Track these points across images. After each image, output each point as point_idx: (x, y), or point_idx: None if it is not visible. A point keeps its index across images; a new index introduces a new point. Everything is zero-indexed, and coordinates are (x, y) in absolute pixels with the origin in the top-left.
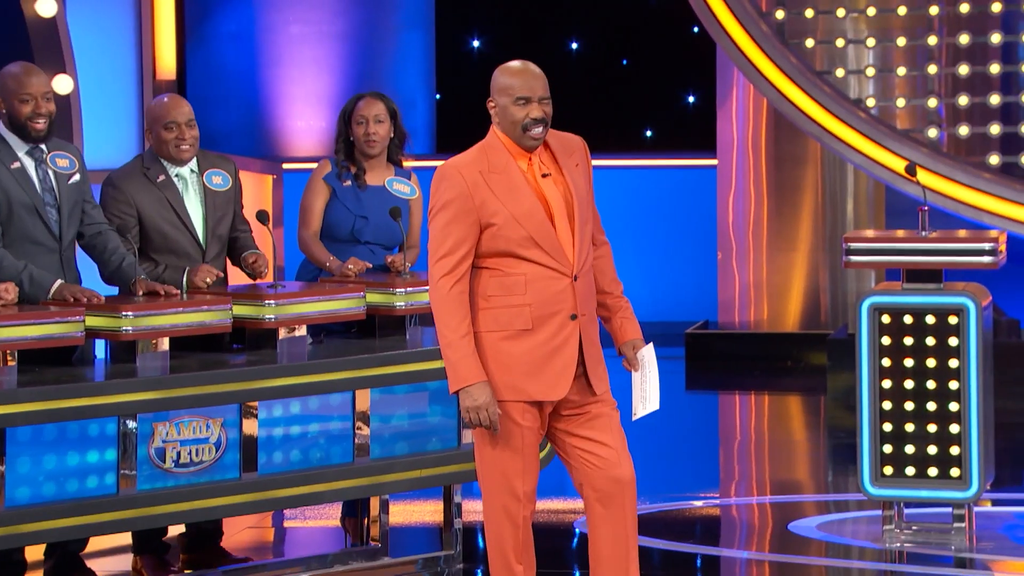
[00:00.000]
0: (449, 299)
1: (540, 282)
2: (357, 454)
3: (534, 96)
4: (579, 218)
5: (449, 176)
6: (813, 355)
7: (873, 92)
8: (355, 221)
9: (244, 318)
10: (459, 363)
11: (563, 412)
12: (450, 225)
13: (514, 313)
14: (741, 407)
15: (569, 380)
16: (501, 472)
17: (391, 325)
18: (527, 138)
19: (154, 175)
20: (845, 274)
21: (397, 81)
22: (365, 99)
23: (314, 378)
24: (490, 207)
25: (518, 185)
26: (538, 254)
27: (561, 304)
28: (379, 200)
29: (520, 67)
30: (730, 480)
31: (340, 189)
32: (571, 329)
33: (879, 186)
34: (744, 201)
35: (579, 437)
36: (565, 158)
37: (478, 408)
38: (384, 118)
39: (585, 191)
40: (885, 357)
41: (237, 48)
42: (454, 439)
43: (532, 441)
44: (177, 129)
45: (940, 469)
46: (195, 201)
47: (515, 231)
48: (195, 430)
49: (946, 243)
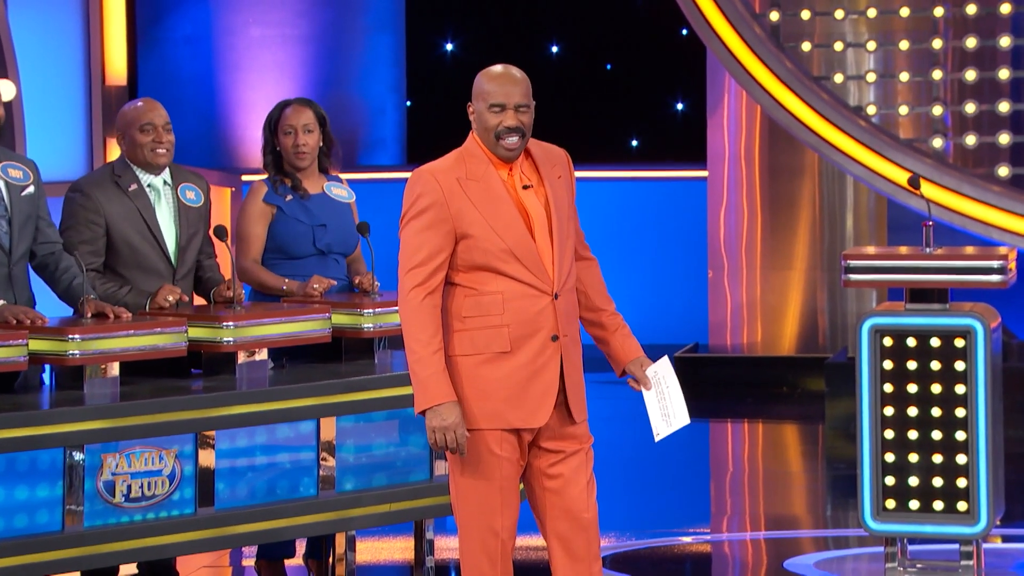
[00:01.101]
0: (420, 312)
1: (518, 301)
2: (322, 487)
3: (509, 103)
4: (559, 233)
5: (424, 181)
6: (810, 380)
7: (874, 99)
8: (314, 232)
9: (200, 341)
10: (428, 380)
11: (541, 444)
12: (424, 233)
13: (491, 335)
14: (733, 436)
15: (550, 406)
16: (478, 506)
17: (359, 348)
18: (500, 147)
19: (125, 184)
20: (844, 294)
21: (365, 87)
22: (292, 107)
23: (276, 405)
24: (467, 217)
25: (498, 195)
26: (517, 269)
27: (541, 324)
28: (327, 206)
29: (500, 72)
30: (722, 514)
31: (286, 205)
32: (552, 351)
33: (881, 200)
34: (736, 216)
35: (550, 476)
36: (548, 169)
37: (445, 428)
38: (313, 127)
39: (567, 205)
40: (887, 382)
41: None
42: (426, 471)
43: (511, 473)
44: (154, 132)
45: (946, 502)
46: (167, 215)
47: (493, 243)
48: (147, 462)
49: (952, 261)
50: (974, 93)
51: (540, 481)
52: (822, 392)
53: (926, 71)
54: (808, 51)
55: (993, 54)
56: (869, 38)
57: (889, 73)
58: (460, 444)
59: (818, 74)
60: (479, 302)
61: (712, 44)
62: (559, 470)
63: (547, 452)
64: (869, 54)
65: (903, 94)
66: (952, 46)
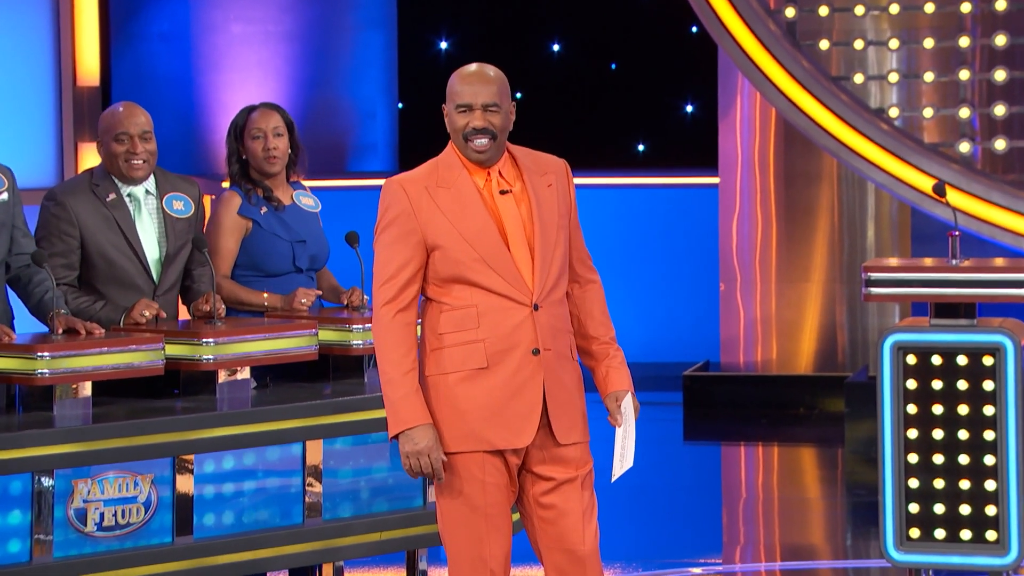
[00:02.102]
0: (392, 329)
1: (494, 314)
2: (308, 514)
3: (476, 103)
4: (541, 240)
5: (392, 192)
6: (829, 401)
7: (897, 101)
8: (294, 248)
9: (178, 359)
10: (399, 403)
11: (532, 468)
12: (393, 246)
13: (468, 351)
14: (747, 460)
15: (534, 425)
16: (465, 535)
17: (347, 366)
18: (469, 149)
19: (103, 193)
20: (865, 308)
21: (354, 88)
22: (259, 111)
23: (259, 427)
24: (436, 226)
25: (468, 201)
26: (491, 279)
27: (519, 337)
28: (303, 220)
29: (471, 71)
30: (734, 544)
31: (263, 218)
32: (533, 366)
33: (904, 208)
34: (750, 225)
35: (543, 506)
36: (535, 176)
37: (419, 453)
38: (283, 131)
39: (555, 213)
40: (911, 403)
41: (170, 50)
42: (420, 497)
43: (498, 499)
44: (129, 142)
45: (974, 532)
46: (149, 226)
47: (464, 252)
48: (121, 488)
49: (980, 273)
50: (1004, 94)
51: (534, 510)
52: (841, 413)
53: (952, 71)
54: (826, 50)
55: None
56: (891, 36)
57: (913, 73)
58: (436, 469)
59: (837, 74)
60: (453, 317)
61: (724, 42)
62: (551, 500)
63: (538, 479)
64: (891, 53)
65: (928, 95)
66: (980, 44)
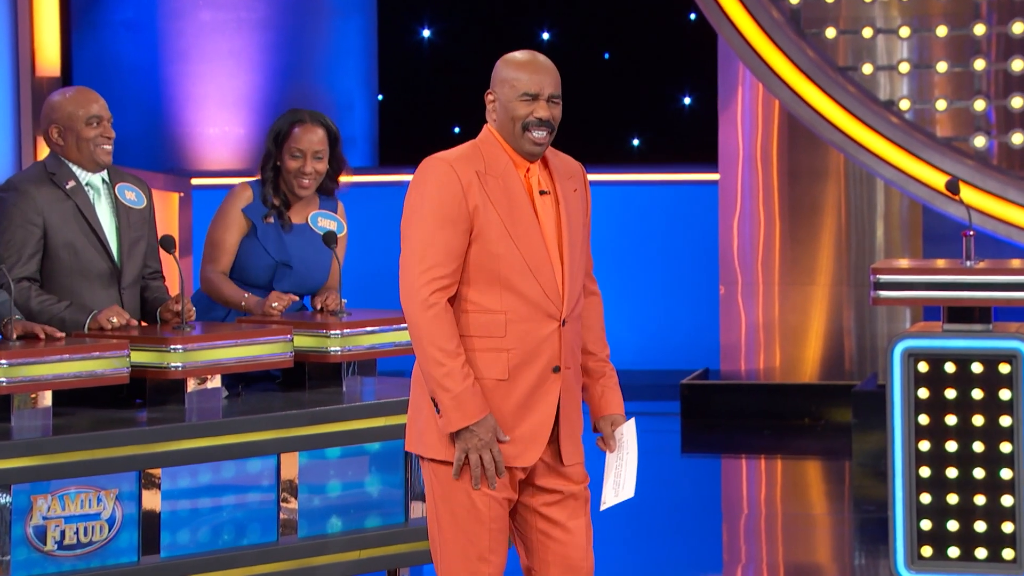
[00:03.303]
0: (446, 317)
1: (523, 324)
2: (282, 532)
3: (543, 93)
4: (569, 251)
5: (440, 171)
6: (835, 411)
7: (907, 92)
8: (276, 270)
9: (145, 367)
10: (464, 395)
11: (536, 481)
12: (441, 231)
13: (489, 359)
14: (749, 474)
15: (543, 444)
16: (463, 552)
17: (324, 375)
18: (527, 140)
19: (61, 180)
20: (874, 313)
21: (331, 79)
22: (304, 126)
23: (230, 439)
24: (484, 215)
25: (516, 196)
26: (529, 284)
27: (544, 352)
28: (304, 243)
29: (528, 58)
30: (735, 562)
31: (262, 228)
32: (552, 384)
33: (915, 206)
34: (752, 224)
35: (544, 519)
36: (564, 180)
37: (484, 446)
38: (324, 153)
39: (579, 222)
40: (922, 413)
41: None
42: (401, 513)
43: (500, 513)
44: (100, 125)
45: (990, 550)
46: (108, 215)
47: (508, 250)
48: (83, 504)
49: (996, 276)
50: (1021, 85)
51: (534, 522)
52: (849, 424)
53: (967, 60)
54: (833, 38)
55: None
56: (902, 23)
57: (925, 63)
58: (498, 463)
59: (844, 64)
60: (479, 321)
61: (724, 30)
62: (557, 515)
63: (542, 491)
64: (902, 41)
65: (941, 86)
66: (996, 32)
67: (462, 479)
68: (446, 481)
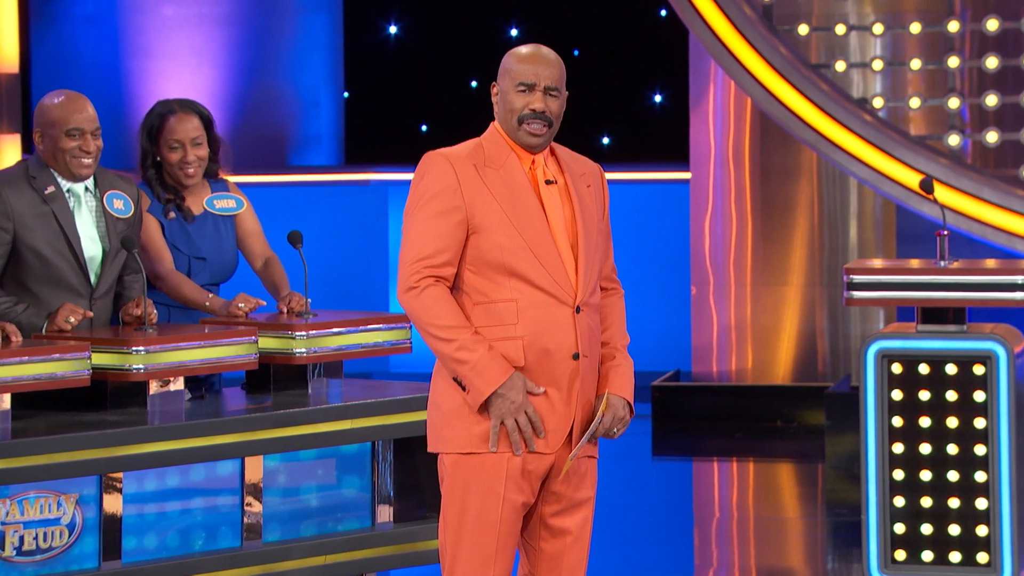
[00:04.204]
0: (442, 296)
1: (534, 310)
2: (247, 536)
3: (539, 84)
4: (585, 240)
5: (435, 165)
6: (808, 413)
7: (881, 90)
8: (190, 264)
9: (106, 369)
10: (481, 362)
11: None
12: (432, 223)
13: (503, 347)
14: (720, 477)
15: (564, 433)
16: (470, 553)
17: (289, 377)
18: (523, 133)
19: (41, 185)
20: (847, 314)
21: (296, 76)
22: (176, 115)
23: (193, 443)
24: (481, 206)
25: (518, 185)
26: (536, 271)
27: (560, 339)
28: (209, 232)
29: (531, 50)
30: (707, 567)
31: (168, 225)
32: (572, 371)
33: (888, 206)
34: (723, 224)
35: (548, 529)
36: (575, 173)
37: (518, 409)
38: (202, 139)
39: (594, 215)
40: (896, 415)
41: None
42: (367, 517)
43: (511, 518)
44: (80, 138)
45: (964, 553)
46: (89, 225)
47: (510, 238)
48: (43, 509)
49: (970, 276)
50: (995, 83)
51: (538, 531)
52: (821, 426)
53: (941, 57)
54: (805, 35)
55: (1017, 38)
56: (875, 20)
57: (898, 60)
58: (535, 423)
59: (817, 61)
60: (490, 310)
61: (695, 27)
62: (562, 524)
63: (554, 498)
64: (875, 38)
65: (914, 84)
66: (970, 29)
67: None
68: (460, 478)
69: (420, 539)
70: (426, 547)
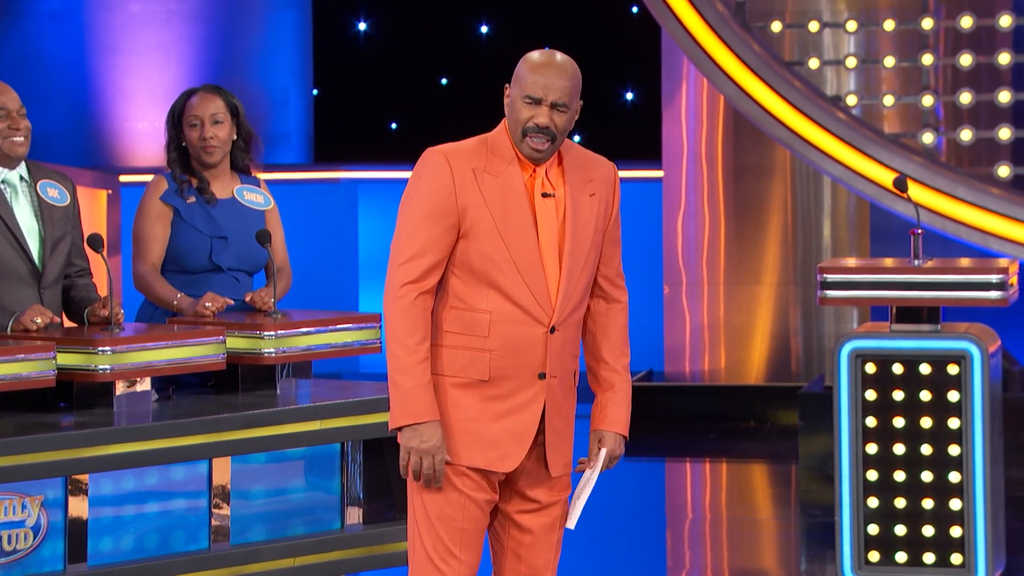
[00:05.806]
0: (412, 313)
1: (507, 326)
2: (214, 539)
3: (547, 99)
4: (570, 256)
5: (434, 164)
6: (781, 413)
7: (855, 88)
8: (212, 244)
9: (71, 369)
10: (411, 392)
11: (517, 487)
12: (424, 224)
13: (471, 357)
14: (693, 477)
15: (523, 451)
16: (431, 547)
17: (258, 377)
18: (525, 146)
19: None
20: (821, 313)
21: (265, 73)
22: (198, 95)
23: (160, 444)
24: (474, 212)
25: (515, 195)
26: (517, 287)
27: (528, 357)
28: (235, 215)
29: (544, 59)
30: (679, 568)
31: (185, 209)
32: (536, 391)
33: (862, 204)
34: (696, 223)
35: (516, 527)
36: (578, 183)
37: (423, 452)
38: (223, 117)
39: (591, 228)
40: (870, 415)
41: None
42: (337, 519)
43: (475, 514)
44: (8, 117)
45: (938, 554)
46: (28, 214)
47: (496, 249)
48: (7, 511)
49: (945, 275)
50: (970, 80)
51: (506, 528)
52: (795, 427)
53: (915, 55)
54: (779, 32)
55: (991, 36)
56: (849, 17)
57: (872, 58)
58: (437, 472)
59: (790, 59)
60: (463, 317)
61: (668, 24)
62: (529, 523)
63: (521, 498)
64: (849, 36)
65: (888, 82)
66: (944, 26)
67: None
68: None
69: (390, 541)
70: (396, 549)
